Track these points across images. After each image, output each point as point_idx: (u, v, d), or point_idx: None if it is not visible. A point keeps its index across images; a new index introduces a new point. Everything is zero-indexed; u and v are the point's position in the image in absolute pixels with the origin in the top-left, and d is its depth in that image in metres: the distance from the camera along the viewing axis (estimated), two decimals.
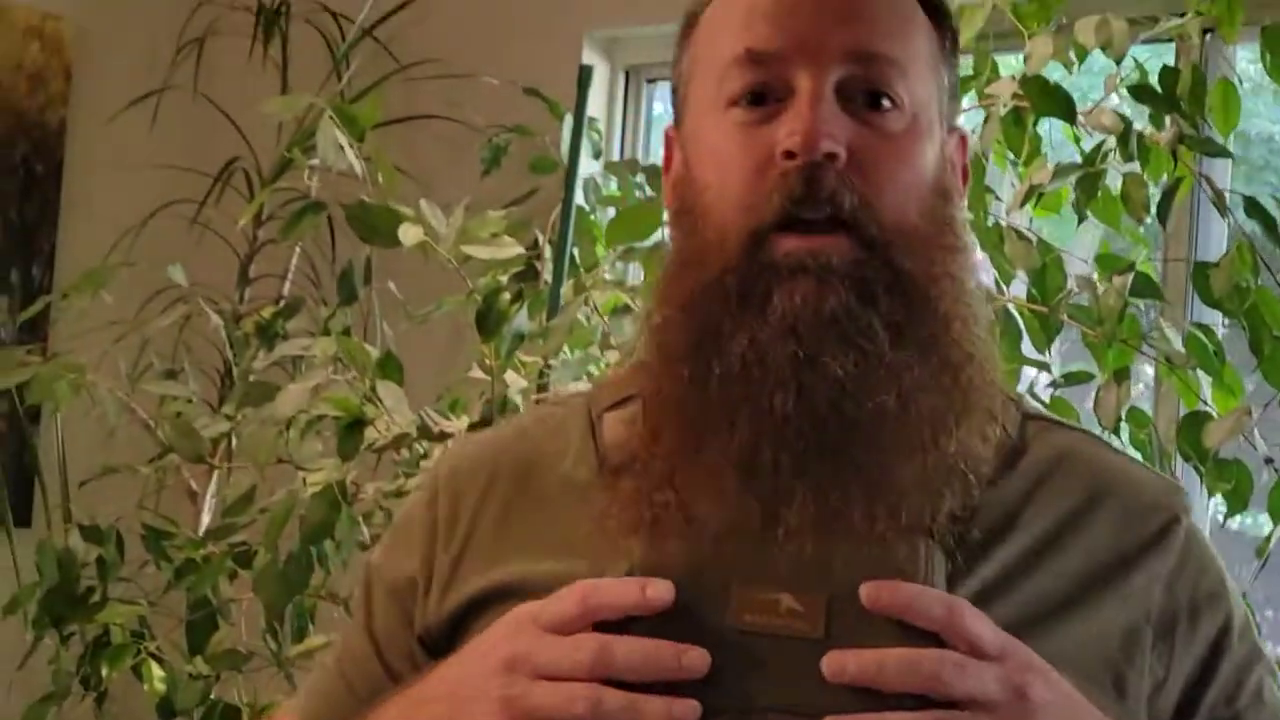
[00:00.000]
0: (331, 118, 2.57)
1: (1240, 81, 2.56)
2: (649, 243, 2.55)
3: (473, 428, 2.46)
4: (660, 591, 1.15)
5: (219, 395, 3.22)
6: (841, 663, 1.12)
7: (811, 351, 1.18)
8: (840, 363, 1.18)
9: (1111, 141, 2.36)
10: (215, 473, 2.98)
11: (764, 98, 1.25)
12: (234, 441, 2.83)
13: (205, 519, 3.09)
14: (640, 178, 3.10)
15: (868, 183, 1.22)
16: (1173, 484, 1.37)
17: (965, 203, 1.35)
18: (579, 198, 2.83)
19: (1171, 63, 2.75)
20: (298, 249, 3.35)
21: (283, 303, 3.20)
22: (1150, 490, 1.33)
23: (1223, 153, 2.40)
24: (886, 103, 1.25)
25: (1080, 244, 2.58)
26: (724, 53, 1.28)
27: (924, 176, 1.26)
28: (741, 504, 1.19)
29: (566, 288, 2.44)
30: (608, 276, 2.51)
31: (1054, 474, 1.30)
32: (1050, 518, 1.27)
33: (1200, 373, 2.40)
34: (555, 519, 1.31)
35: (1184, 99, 2.30)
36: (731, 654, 1.14)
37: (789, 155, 1.22)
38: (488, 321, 2.39)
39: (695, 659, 1.13)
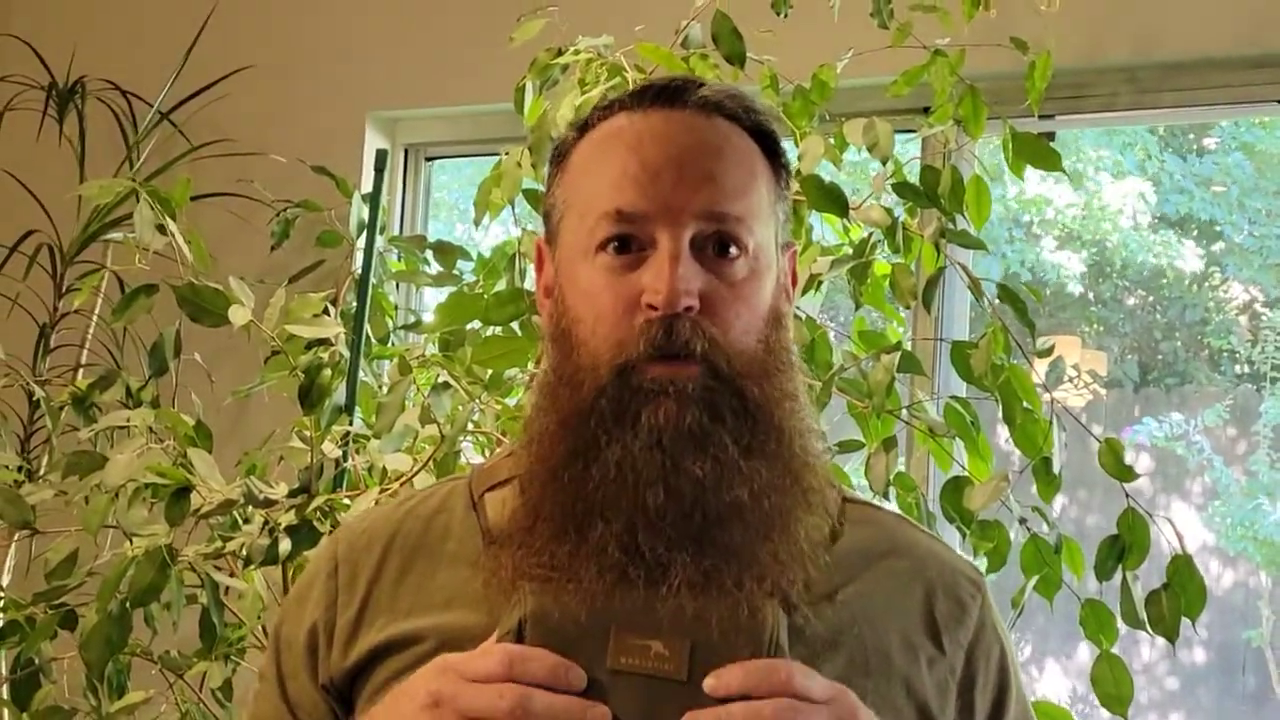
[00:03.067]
0: (146, 199, 2.72)
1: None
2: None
3: (293, 494, 2.61)
4: (578, 679, 1.36)
5: (23, 462, 3.30)
6: (697, 718, 1.34)
7: (675, 459, 1.40)
8: (700, 466, 1.40)
9: (879, 233, 2.61)
10: (16, 538, 3.08)
11: (629, 245, 1.47)
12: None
13: (4, 581, 3.18)
14: (428, 254, 3.29)
15: (717, 324, 1.44)
16: (972, 566, 1.63)
17: (792, 312, 1.59)
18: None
19: (914, 150, 3.04)
20: (95, 318, 3.46)
21: (82, 370, 3.31)
22: (954, 571, 1.59)
23: (978, 244, 2.67)
24: (733, 250, 1.48)
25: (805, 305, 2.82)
26: (596, 207, 1.49)
27: (762, 312, 1.49)
28: (622, 568, 1.40)
29: (390, 367, 2.61)
30: (429, 351, 2.68)
31: (874, 551, 1.56)
32: (873, 590, 1.53)
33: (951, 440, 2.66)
34: (447, 582, 1.52)
35: (944, 197, 2.56)
36: (607, 691, 1.36)
37: (652, 307, 1.44)
38: (311, 396, 2.55)
39: (600, 715, 1.35)
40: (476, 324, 2.81)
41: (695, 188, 1.47)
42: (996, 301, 2.57)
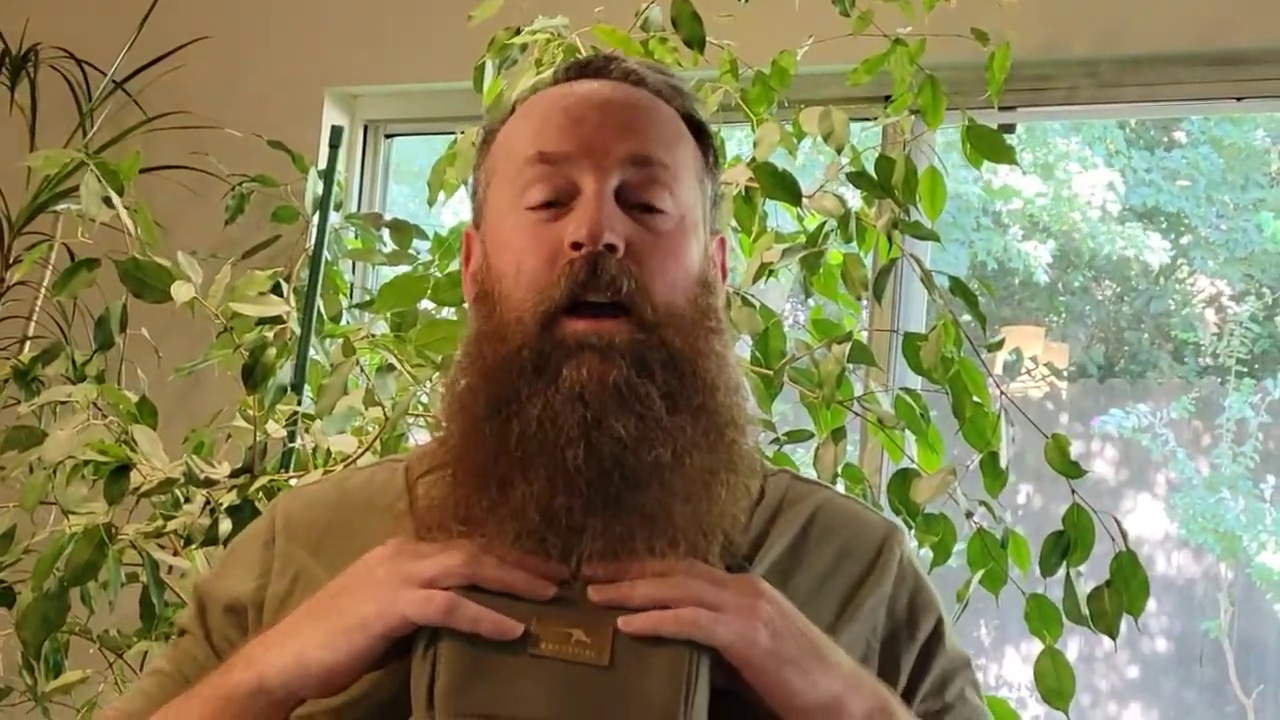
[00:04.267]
0: (94, 171, 2.68)
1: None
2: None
3: (235, 474, 2.59)
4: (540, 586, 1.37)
5: None
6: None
7: (598, 415, 1.36)
8: (623, 424, 1.36)
9: (832, 222, 2.59)
10: None
11: (554, 202, 1.45)
12: None
13: None
14: (384, 232, 3.26)
15: (643, 271, 1.42)
16: (888, 522, 1.61)
17: (724, 296, 1.56)
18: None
19: (874, 137, 3.03)
20: (43, 290, 3.42)
21: (28, 343, 3.27)
22: (869, 528, 1.58)
23: (931, 236, 2.65)
24: (659, 204, 1.46)
25: (768, 295, 2.81)
26: (519, 156, 1.47)
27: (690, 270, 1.47)
28: (541, 535, 1.38)
29: (335, 347, 2.58)
30: (377, 331, 2.66)
31: (783, 510, 1.55)
32: (790, 554, 1.52)
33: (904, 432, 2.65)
34: None
35: (898, 187, 2.55)
36: (530, 674, 1.34)
37: (576, 246, 1.41)
38: (254, 375, 2.52)
39: (510, 628, 1.35)
40: (430, 305, 2.79)
41: (619, 133, 1.46)
42: (948, 294, 2.56)
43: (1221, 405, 5.73)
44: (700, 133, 1.55)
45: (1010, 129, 3.18)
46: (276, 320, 2.68)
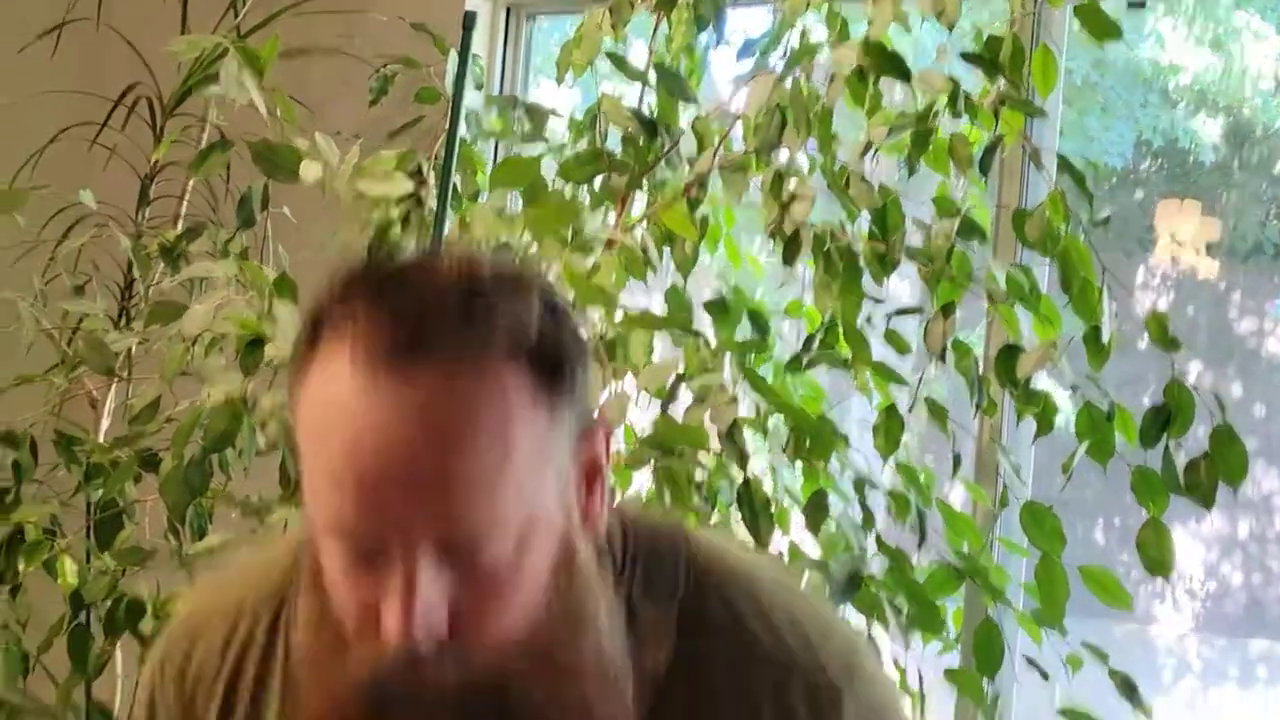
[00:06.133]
0: (235, 56, 2.78)
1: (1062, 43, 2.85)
2: None
3: None
4: None
5: (119, 310, 3.41)
6: None
7: None
8: None
9: (943, 100, 2.62)
10: (115, 383, 3.19)
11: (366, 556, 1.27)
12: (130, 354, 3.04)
13: (105, 425, 3.29)
14: (520, 112, 3.33)
15: (471, 630, 1.26)
16: (838, 661, 1.39)
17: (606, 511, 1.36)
18: (461, 129, 3.06)
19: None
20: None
21: (181, 223, 3.40)
22: (812, 671, 1.37)
23: (1038, 113, 2.66)
24: (483, 555, 1.25)
25: (923, 187, 2.85)
26: (318, 509, 1.27)
27: (535, 581, 1.29)
28: None
29: (452, 222, 2.67)
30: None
31: (700, 690, 1.37)
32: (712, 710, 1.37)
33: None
34: None
35: (1006, 65, 2.57)
36: None
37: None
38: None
39: None
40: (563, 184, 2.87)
41: (423, 499, 1.23)
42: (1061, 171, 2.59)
43: None
44: (546, 367, 1.27)
45: (1141, 4, 3.16)
46: (413, 198, 2.76)
